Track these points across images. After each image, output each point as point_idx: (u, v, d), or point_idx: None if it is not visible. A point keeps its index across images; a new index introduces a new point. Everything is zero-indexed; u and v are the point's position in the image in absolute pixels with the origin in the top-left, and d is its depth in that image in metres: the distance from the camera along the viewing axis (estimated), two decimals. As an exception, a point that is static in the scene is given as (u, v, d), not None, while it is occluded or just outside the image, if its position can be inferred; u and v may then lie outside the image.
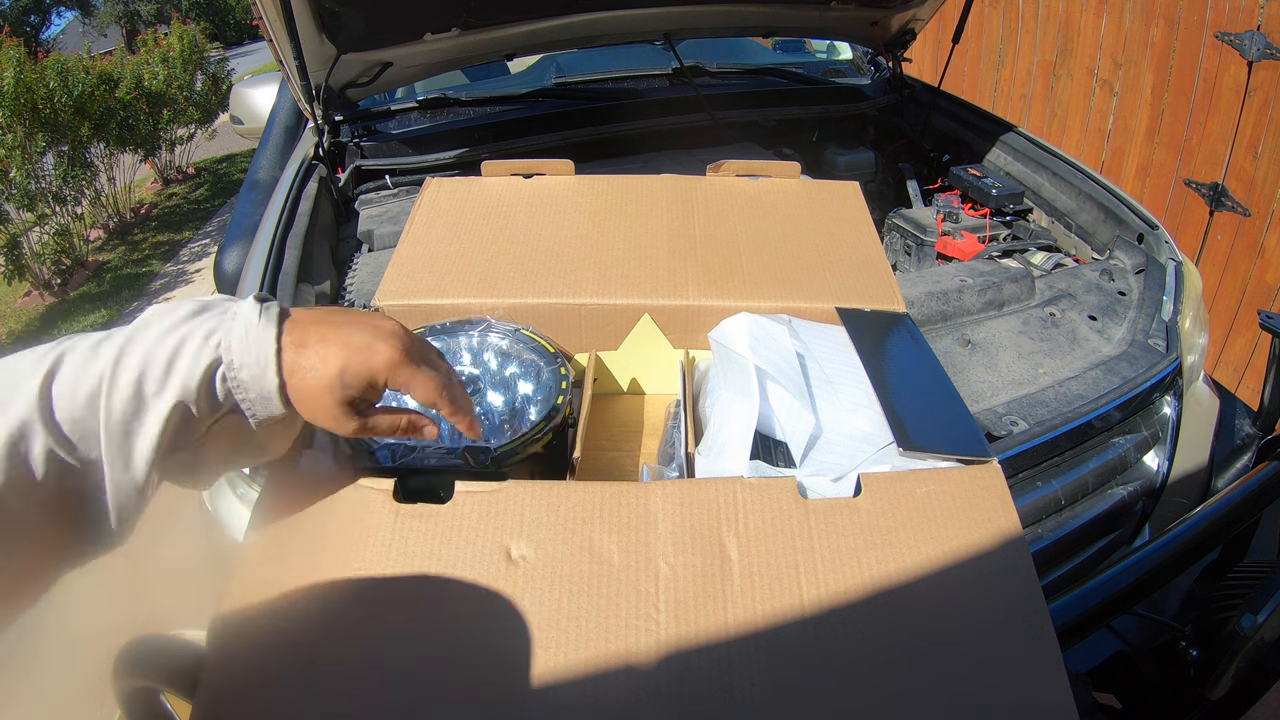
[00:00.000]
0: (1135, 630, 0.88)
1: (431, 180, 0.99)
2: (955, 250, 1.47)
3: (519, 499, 0.54)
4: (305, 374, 0.45)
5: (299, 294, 1.08)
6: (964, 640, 0.48)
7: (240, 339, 0.44)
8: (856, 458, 0.62)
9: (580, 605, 0.49)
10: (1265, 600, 0.73)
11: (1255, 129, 2.07)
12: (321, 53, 1.31)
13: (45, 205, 4.01)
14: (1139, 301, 1.22)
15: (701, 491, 0.55)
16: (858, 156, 1.83)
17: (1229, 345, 2.30)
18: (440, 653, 0.48)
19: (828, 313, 0.80)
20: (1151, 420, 1.09)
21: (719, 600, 0.49)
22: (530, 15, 1.48)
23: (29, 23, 14.63)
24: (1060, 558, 0.98)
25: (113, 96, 4.60)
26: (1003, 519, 0.54)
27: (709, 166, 1.03)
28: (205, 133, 6.43)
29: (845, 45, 2.33)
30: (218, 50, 7.88)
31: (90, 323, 3.72)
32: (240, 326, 0.44)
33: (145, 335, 0.43)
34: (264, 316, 0.45)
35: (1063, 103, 2.76)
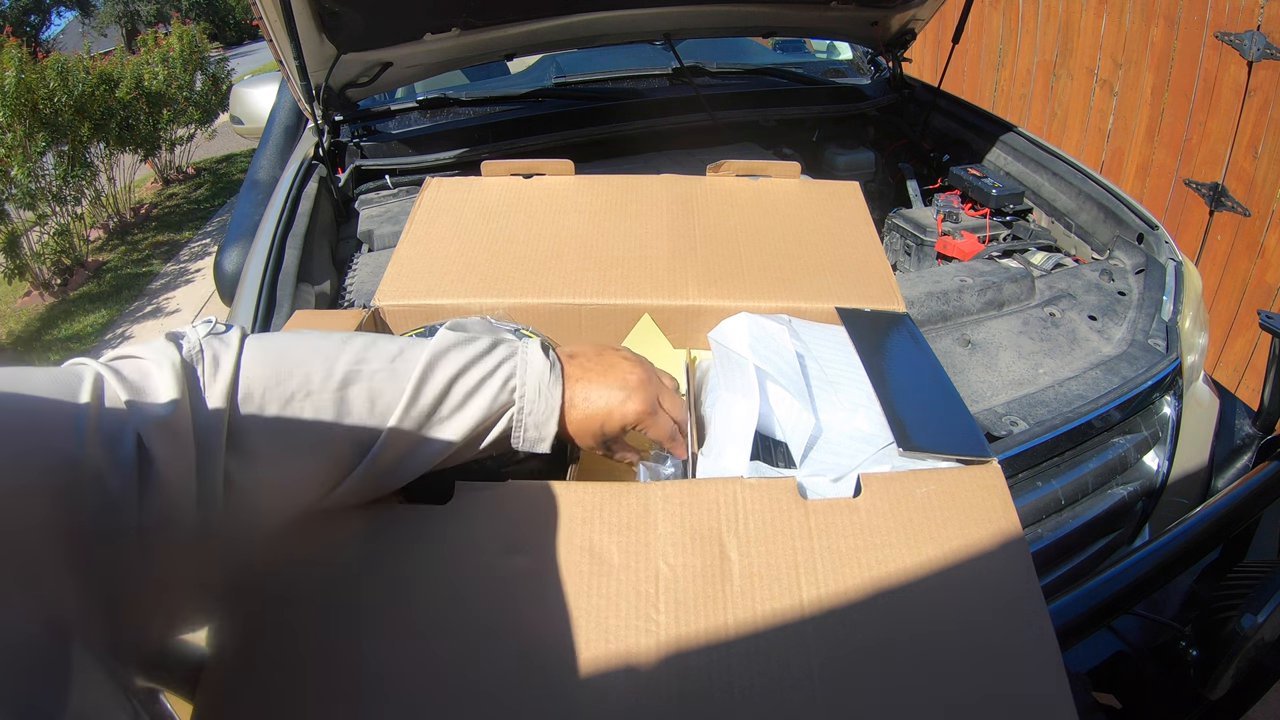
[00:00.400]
0: (1135, 630, 0.88)
1: (431, 180, 0.99)
2: (955, 250, 1.47)
3: (519, 499, 0.54)
4: (574, 413, 0.55)
5: (299, 294, 1.08)
6: (964, 640, 0.48)
7: (534, 390, 0.52)
8: (856, 458, 0.62)
9: (580, 605, 0.49)
10: (1265, 600, 0.73)
11: (1255, 129, 2.07)
12: (321, 53, 1.31)
13: (45, 205, 4.01)
14: (1139, 301, 1.22)
15: (701, 491, 0.55)
16: (858, 156, 1.83)
17: (1229, 345, 2.30)
18: (440, 654, 0.48)
19: (828, 313, 0.80)
20: (1151, 420, 1.09)
21: (719, 600, 0.49)
22: (530, 15, 1.48)
23: (29, 23, 14.63)
24: (1060, 558, 0.98)
25: (113, 96, 4.60)
26: (1003, 519, 0.54)
27: (709, 166, 1.03)
28: (205, 133, 6.44)
29: (845, 45, 2.33)
30: (218, 50, 7.88)
31: (91, 323, 3.72)
32: (534, 378, 0.53)
33: (445, 364, 0.50)
34: (553, 372, 0.54)
35: (1063, 103, 2.76)
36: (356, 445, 0.47)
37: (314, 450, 0.45)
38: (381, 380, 0.47)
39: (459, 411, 0.50)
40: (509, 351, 0.53)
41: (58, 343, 3.55)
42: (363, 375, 0.47)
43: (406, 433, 0.48)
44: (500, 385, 0.51)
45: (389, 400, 0.47)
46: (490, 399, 0.51)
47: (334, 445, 0.46)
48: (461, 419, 0.50)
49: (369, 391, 0.47)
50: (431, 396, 0.48)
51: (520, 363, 0.53)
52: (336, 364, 0.46)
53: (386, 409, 0.47)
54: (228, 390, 0.41)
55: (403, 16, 1.36)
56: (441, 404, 0.49)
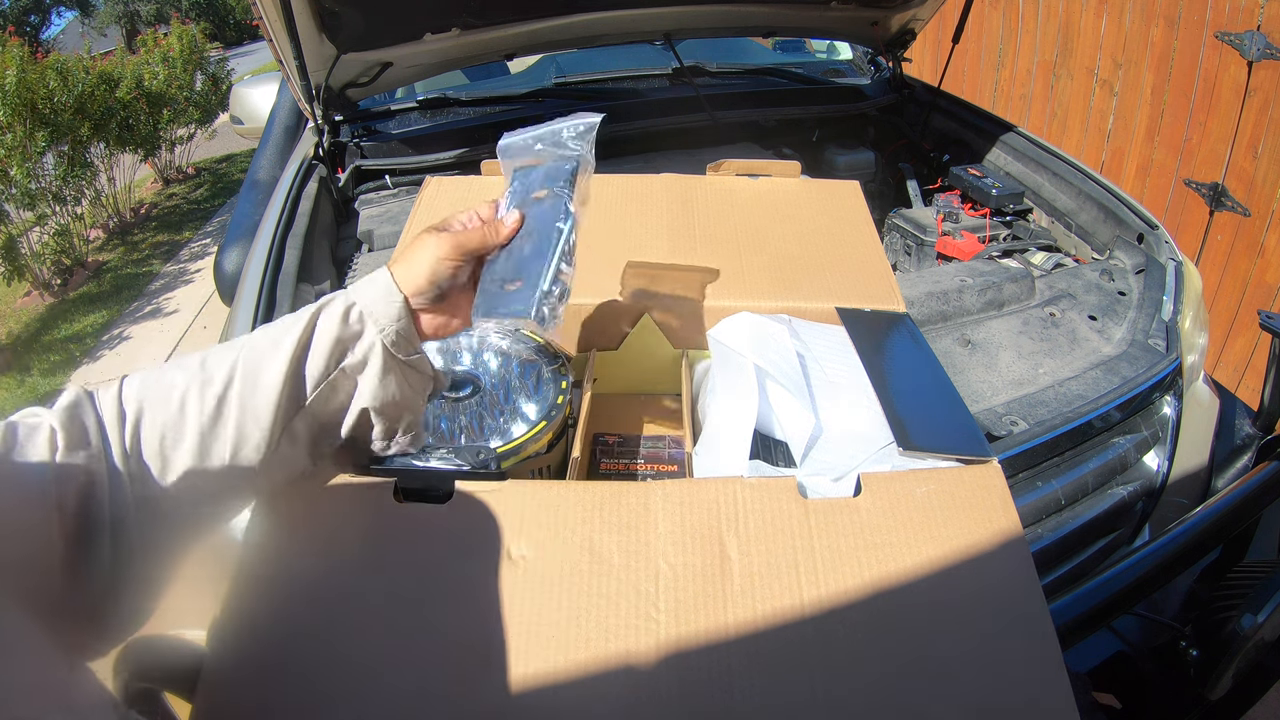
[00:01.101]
0: (1135, 630, 0.88)
1: (431, 179, 0.99)
2: (955, 250, 1.47)
3: (519, 499, 0.54)
4: (399, 271, 0.54)
5: (299, 294, 1.08)
6: (964, 640, 0.48)
7: (364, 285, 0.54)
8: (856, 457, 0.62)
9: (580, 605, 0.49)
10: (1265, 600, 0.73)
11: (1255, 129, 2.07)
12: (321, 53, 1.31)
13: (45, 205, 4.01)
14: (1139, 301, 1.22)
15: (701, 491, 0.55)
16: (858, 156, 1.83)
17: (1229, 345, 2.30)
18: (441, 652, 0.48)
19: (828, 313, 0.80)
20: (1151, 420, 1.09)
21: (719, 600, 0.49)
22: (530, 15, 1.48)
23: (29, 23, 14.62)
24: (1060, 558, 0.98)
25: (113, 96, 4.59)
26: (1003, 519, 0.54)
27: (709, 166, 1.03)
28: (205, 133, 6.43)
29: (845, 45, 2.33)
30: (218, 50, 7.88)
31: (90, 323, 3.72)
32: (363, 282, 0.54)
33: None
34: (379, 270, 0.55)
35: (1063, 103, 2.76)
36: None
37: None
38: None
39: (314, 338, 0.51)
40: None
41: (57, 343, 3.55)
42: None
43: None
44: (334, 298, 0.53)
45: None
46: (312, 311, 0.52)
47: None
48: (318, 341, 0.51)
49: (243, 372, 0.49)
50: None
51: (347, 289, 0.55)
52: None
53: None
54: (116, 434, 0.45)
55: (403, 16, 1.36)
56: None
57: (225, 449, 0.47)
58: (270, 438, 0.48)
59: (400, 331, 0.53)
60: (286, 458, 0.50)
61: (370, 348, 0.52)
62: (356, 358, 0.52)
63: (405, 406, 0.55)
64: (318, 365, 0.50)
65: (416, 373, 0.55)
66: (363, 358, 0.52)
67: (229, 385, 0.48)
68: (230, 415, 0.47)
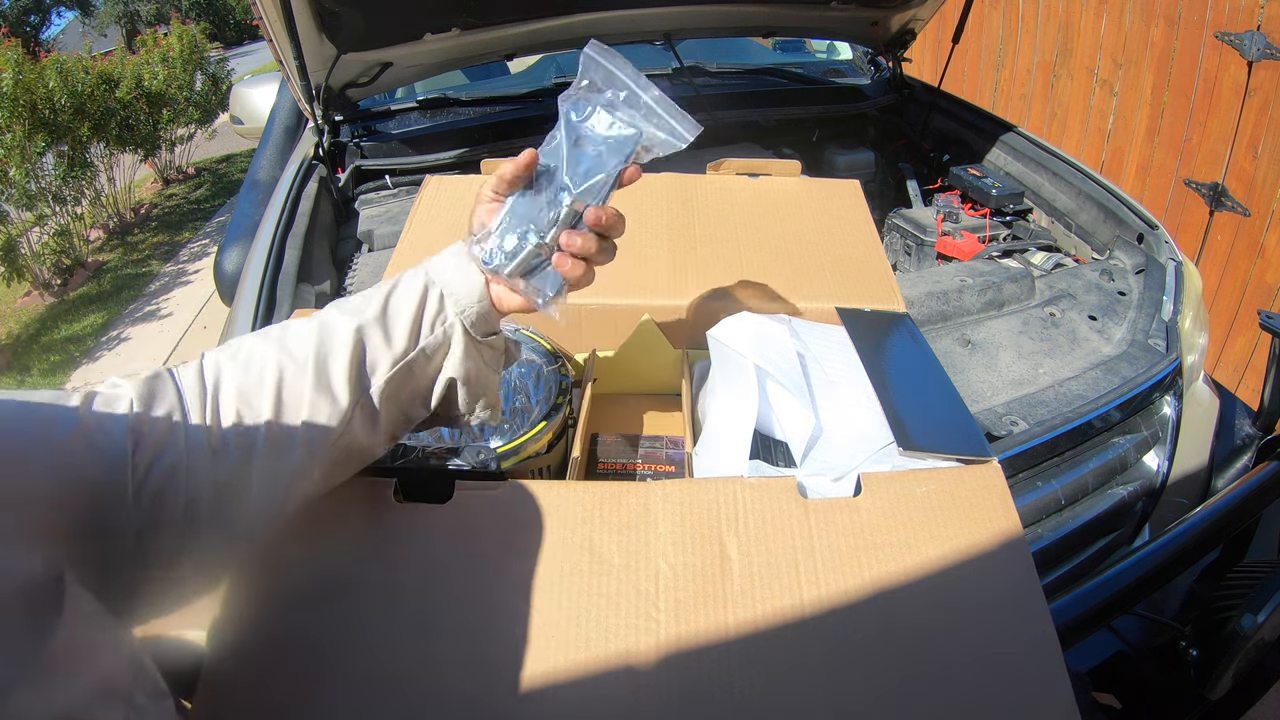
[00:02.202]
0: (1135, 630, 0.88)
1: (431, 179, 0.99)
2: (955, 250, 1.47)
3: (519, 499, 0.54)
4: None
5: (299, 294, 1.08)
6: (964, 640, 0.48)
7: (444, 262, 0.54)
8: (856, 457, 0.62)
9: (580, 605, 0.49)
10: (1265, 600, 0.73)
11: (1255, 129, 2.07)
12: (321, 53, 1.31)
13: (45, 205, 4.01)
14: (1139, 301, 1.22)
15: (701, 491, 0.55)
16: (858, 156, 1.83)
17: (1229, 345, 2.30)
18: (441, 652, 0.48)
19: (828, 313, 0.80)
20: (1151, 420, 1.09)
21: (719, 600, 0.49)
22: (530, 15, 1.48)
23: (29, 23, 14.62)
24: (1060, 558, 0.98)
25: (113, 96, 4.59)
26: (1003, 519, 0.54)
27: (709, 165, 1.03)
28: (205, 133, 6.43)
29: (845, 45, 2.33)
30: (218, 50, 7.88)
31: (90, 323, 3.72)
32: (439, 260, 0.54)
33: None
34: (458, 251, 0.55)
35: (1063, 103, 2.76)
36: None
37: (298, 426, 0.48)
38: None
39: (389, 315, 0.51)
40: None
41: (57, 343, 3.55)
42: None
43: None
44: (411, 275, 0.53)
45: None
46: (407, 289, 0.52)
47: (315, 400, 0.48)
48: (395, 319, 0.51)
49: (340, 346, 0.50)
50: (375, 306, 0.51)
51: (425, 265, 0.54)
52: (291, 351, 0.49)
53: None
54: (200, 399, 0.45)
55: (403, 16, 1.36)
56: (383, 314, 0.51)
57: (300, 422, 0.47)
58: (346, 412, 0.48)
59: (480, 313, 0.53)
60: (361, 431, 0.50)
61: (451, 328, 0.52)
62: (436, 338, 0.52)
63: (482, 384, 0.56)
64: (399, 343, 0.51)
65: (492, 349, 0.56)
66: (443, 338, 0.52)
67: (308, 360, 0.48)
68: (306, 390, 0.47)
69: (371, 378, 0.50)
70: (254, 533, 0.47)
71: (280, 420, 0.46)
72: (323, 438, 0.48)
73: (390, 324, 0.51)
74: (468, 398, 0.55)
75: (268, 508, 0.47)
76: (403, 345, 0.51)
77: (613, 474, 0.78)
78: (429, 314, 0.52)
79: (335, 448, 0.49)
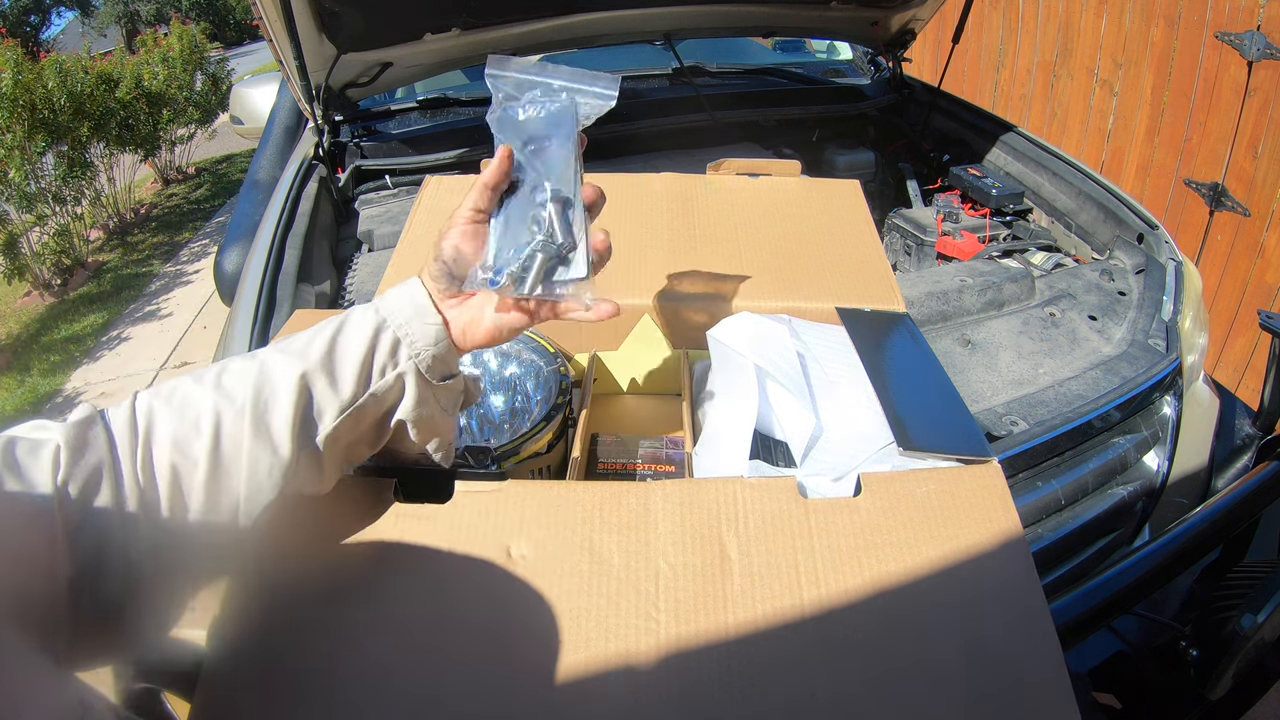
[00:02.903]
0: (1135, 630, 0.88)
1: (431, 179, 0.99)
2: (955, 250, 1.47)
3: (519, 499, 0.54)
4: (430, 284, 0.51)
5: (299, 294, 1.08)
6: (964, 640, 0.48)
7: (395, 297, 0.51)
8: (856, 458, 0.62)
9: (580, 605, 0.49)
10: (1265, 600, 0.73)
11: (1255, 129, 2.07)
12: (321, 53, 1.31)
13: (45, 205, 4.01)
14: (1139, 301, 1.22)
15: (701, 491, 0.55)
16: (858, 156, 1.83)
17: (1229, 345, 2.30)
18: (440, 652, 0.48)
19: (828, 313, 0.80)
20: (1151, 420, 1.09)
21: (719, 600, 0.49)
22: (530, 15, 1.48)
23: (29, 23, 14.62)
24: (1060, 558, 0.98)
25: (112, 96, 4.60)
26: (1003, 519, 0.54)
27: (709, 165, 1.03)
28: (205, 133, 6.43)
29: (845, 45, 2.33)
30: (218, 50, 7.87)
31: (90, 323, 3.72)
32: (392, 293, 0.51)
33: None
34: (408, 282, 0.52)
35: (1063, 103, 2.76)
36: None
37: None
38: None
39: (335, 359, 0.48)
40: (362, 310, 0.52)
41: (57, 343, 3.55)
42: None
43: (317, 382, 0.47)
44: (360, 315, 0.50)
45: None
46: (356, 327, 0.49)
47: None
48: (341, 364, 0.48)
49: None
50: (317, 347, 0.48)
51: (376, 303, 0.51)
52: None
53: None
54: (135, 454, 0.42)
55: (403, 16, 1.36)
56: (329, 355, 0.48)
57: (240, 474, 0.44)
58: (289, 463, 0.46)
59: (437, 355, 0.50)
60: (306, 480, 0.48)
61: (404, 373, 0.49)
62: (386, 383, 0.49)
63: (435, 426, 0.53)
64: (346, 389, 0.48)
65: (449, 392, 0.53)
66: (394, 382, 0.49)
67: (245, 406, 0.45)
68: (245, 438, 0.44)
69: (317, 425, 0.47)
70: (201, 578, 0.46)
71: (218, 471, 0.44)
72: (263, 489, 0.45)
73: (337, 368, 0.48)
74: (419, 438, 0.53)
75: (213, 559, 0.45)
76: (350, 391, 0.48)
77: (613, 474, 0.78)
78: (380, 358, 0.49)
79: (278, 496, 0.46)
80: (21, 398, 3.07)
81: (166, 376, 3.11)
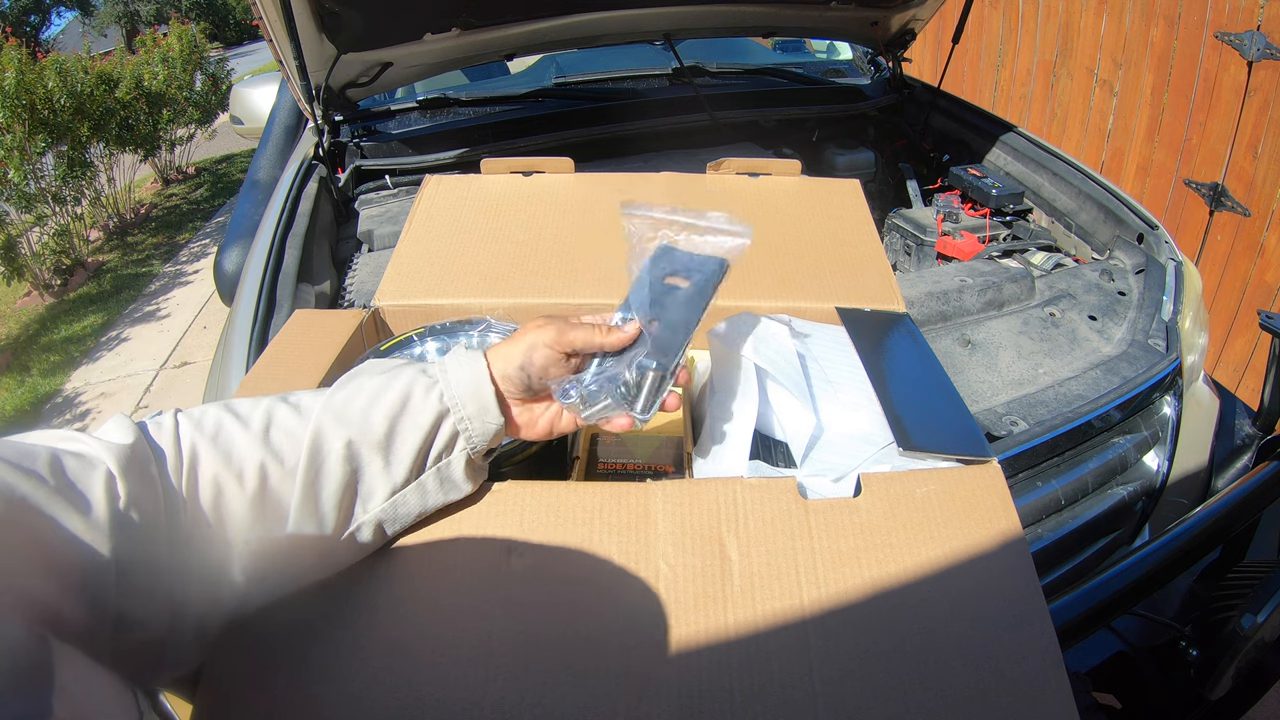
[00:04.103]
0: (1135, 630, 0.88)
1: (431, 178, 0.99)
2: (955, 250, 1.47)
3: (519, 499, 0.54)
4: (500, 367, 0.51)
5: (299, 294, 1.08)
6: (964, 640, 0.48)
7: (454, 367, 0.50)
8: (856, 458, 0.62)
9: (580, 605, 0.49)
10: (1265, 600, 0.73)
11: (1255, 129, 2.07)
12: (321, 53, 1.31)
13: (44, 205, 4.01)
14: (1139, 301, 1.22)
15: (701, 491, 0.55)
16: (858, 156, 1.83)
17: (1229, 345, 2.30)
18: (439, 652, 0.48)
19: (828, 313, 0.80)
20: (1151, 420, 1.09)
21: (719, 600, 0.49)
22: (530, 15, 1.48)
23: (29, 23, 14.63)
24: (1060, 558, 0.98)
25: (112, 96, 4.60)
26: (1003, 519, 0.54)
27: (709, 165, 1.03)
28: (205, 133, 6.44)
29: (845, 45, 2.33)
30: (218, 50, 7.88)
31: (90, 324, 3.72)
32: (453, 364, 0.50)
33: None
34: (470, 352, 0.52)
35: (1063, 103, 2.76)
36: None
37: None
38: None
39: (394, 442, 0.47)
40: (420, 369, 0.51)
41: (57, 344, 3.55)
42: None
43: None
44: (423, 398, 0.49)
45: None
46: (413, 407, 0.48)
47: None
48: (399, 449, 0.47)
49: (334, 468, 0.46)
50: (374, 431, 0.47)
51: (437, 368, 0.51)
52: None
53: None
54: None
55: (403, 16, 1.36)
56: (389, 438, 0.47)
57: (279, 540, 0.44)
58: (330, 539, 0.46)
59: (489, 441, 0.51)
60: (341, 556, 0.48)
61: (455, 460, 0.50)
62: (440, 472, 0.49)
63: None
64: (399, 473, 0.47)
65: (483, 468, 0.54)
66: (446, 472, 0.50)
67: (297, 470, 0.44)
68: (291, 511, 0.44)
69: (366, 504, 0.47)
70: (248, 604, 0.45)
71: (258, 527, 0.43)
72: (301, 552, 0.45)
73: (393, 452, 0.47)
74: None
75: (253, 590, 0.45)
76: (403, 476, 0.48)
77: (613, 474, 0.78)
78: (437, 446, 0.49)
79: (321, 560, 0.47)
80: (21, 398, 3.07)
81: (166, 376, 3.11)
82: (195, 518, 0.41)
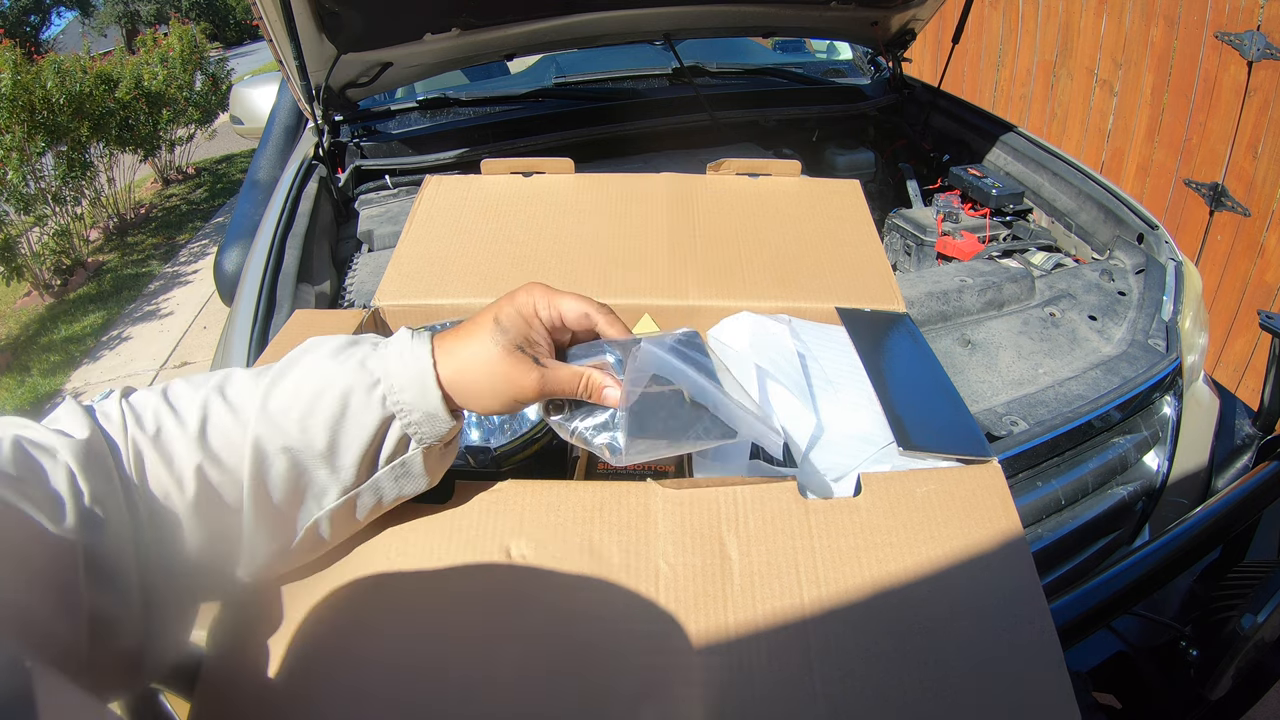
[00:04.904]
0: (1135, 630, 0.88)
1: (431, 178, 0.99)
2: (955, 250, 1.47)
3: (519, 498, 0.54)
4: (460, 357, 0.46)
5: (299, 294, 1.08)
6: (964, 640, 0.48)
7: (394, 356, 0.46)
8: (856, 458, 0.62)
9: (580, 605, 0.49)
10: (1265, 600, 0.73)
11: (1255, 129, 2.07)
12: (321, 53, 1.31)
13: (44, 206, 4.01)
14: (1139, 301, 1.22)
15: (701, 491, 0.55)
16: (858, 156, 1.83)
17: (1229, 345, 2.30)
18: (439, 652, 0.48)
19: (828, 313, 0.80)
20: (1151, 420, 1.09)
21: (719, 600, 0.49)
22: (530, 15, 1.48)
23: (29, 23, 14.63)
24: (1060, 558, 0.98)
25: (112, 97, 4.60)
26: (1003, 519, 0.54)
27: (709, 165, 1.03)
28: (205, 133, 6.44)
29: (845, 45, 2.33)
30: (218, 50, 7.88)
31: (90, 324, 3.72)
32: (393, 351, 0.46)
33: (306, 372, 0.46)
34: (415, 337, 0.47)
35: (1063, 103, 2.76)
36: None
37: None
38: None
39: (337, 450, 0.45)
40: (360, 361, 0.47)
41: (57, 344, 3.55)
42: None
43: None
44: (362, 404, 0.45)
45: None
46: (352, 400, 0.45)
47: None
48: (343, 455, 0.45)
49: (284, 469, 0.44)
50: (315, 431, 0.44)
51: (378, 360, 0.46)
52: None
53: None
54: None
55: (403, 16, 1.36)
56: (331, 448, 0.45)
57: (233, 535, 0.43)
58: (289, 532, 0.45)
59: (445, 438, 0.48)
60: (313, 542, 0.48)
61: (412, 458, 0.47)
62: (392, 469, 0.47)
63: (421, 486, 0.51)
64: (347, 478, 0.46)
65: (453, 446, 0.52)
66: (400, 467, 0.48)
67: (240, 479, 0.42)
68: (244, 527, 0.43)
69: (320, 502, 0.46)
70: (208, 599, 0.45)
71: (204, 529, 0.42)
72: (258, 549, 0.45)
73: (338, 460, 0.45)
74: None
75: (221, 583, 0.45)
76: (352, 479, 0.46)
77: (613, 474, 0.78)
78: (387, 449, 0.46)
79: (283, 555, 0.47)
80: (21, 398, 3.07)
81: (167, 376, 3.11)
82: (151, 513, 0.40)
